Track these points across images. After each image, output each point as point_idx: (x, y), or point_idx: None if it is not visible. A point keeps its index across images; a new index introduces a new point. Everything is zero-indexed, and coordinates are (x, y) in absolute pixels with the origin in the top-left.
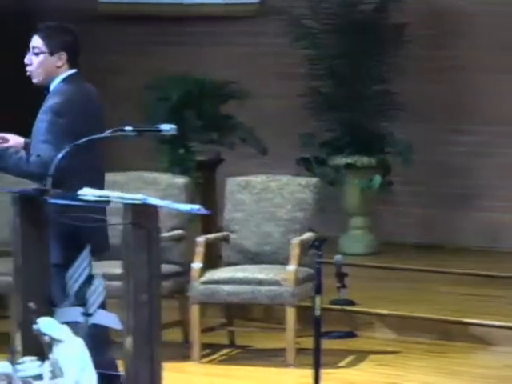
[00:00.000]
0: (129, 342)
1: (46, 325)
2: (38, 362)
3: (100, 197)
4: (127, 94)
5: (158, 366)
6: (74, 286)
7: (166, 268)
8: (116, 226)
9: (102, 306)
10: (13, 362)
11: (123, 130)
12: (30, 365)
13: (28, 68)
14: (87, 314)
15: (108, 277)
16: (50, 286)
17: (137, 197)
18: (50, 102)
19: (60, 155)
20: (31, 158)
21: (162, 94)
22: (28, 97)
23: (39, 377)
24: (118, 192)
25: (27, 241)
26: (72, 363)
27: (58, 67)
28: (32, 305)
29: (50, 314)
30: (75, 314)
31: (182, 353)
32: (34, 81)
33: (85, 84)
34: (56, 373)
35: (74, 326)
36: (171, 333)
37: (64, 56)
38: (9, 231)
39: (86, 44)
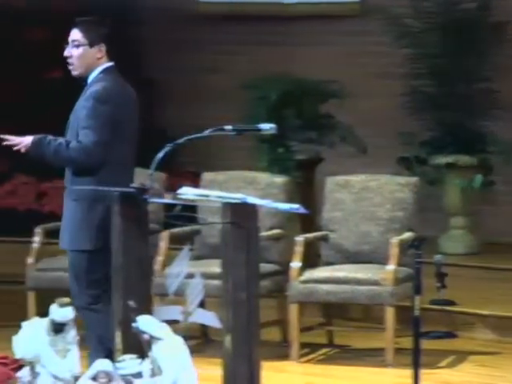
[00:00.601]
0: (228, 340)
1: (145, 323)
2: (138, 360)
3: (199, 196)
4: (226, 93)
5: (257, 364)
6: (173, 284)
7: (264, 267)
8: (215, 225)
9: (201, 304)
10: (113, 360)
11: (223, 129)
12: (129, 363)
13: (68, 60)
14: (186, 313)
15: (207, 275)
16: (150, 285)
17: (236, 196)
18: (91, 89)
19: (160, 155)
20: (71, 144)
21: (262, 93)
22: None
23: (139, 375)
24: (217, 191)
25: (127, 239)
26: (171, 361)
27: (98, 59)
28: (132, 303)
29: (150, 312)
30: (174, 312)
31: (280, 352)
32: (74, 73)
33: (121, 78)
34: (155, 371)
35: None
36: (270, 332)
37: (103, 48)
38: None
39: (184, 43)
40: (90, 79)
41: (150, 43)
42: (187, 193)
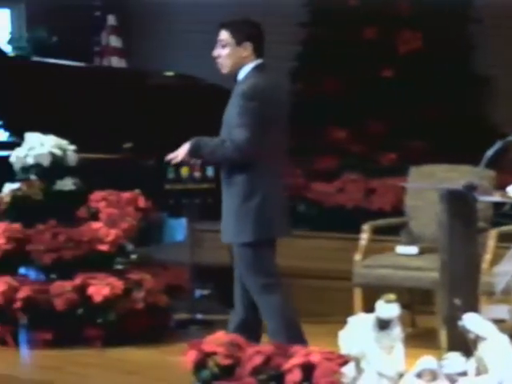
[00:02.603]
0: None
1: (471, 321)
2: (463, 359)
3: None
4: None
5: None
6: (501, 282)
7: None
8: None
9: None
10: (438, 358)
11: None
12: (454, 361)
13: (218, 60)
14: None
15: None
16: (477, 283)
17: None
18: (240, 88)
19: (490, 152)
20: (225, 143)
21: None
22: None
23: (464, 373)
24: None
25: (454, 237)
26: (497, 361)
27: (245, 57)
28: (457, 301)
29: (476, 310)
30: (501, 311)
31: None
32: (223, 71)
33: (271, 73)
34: (481, 370)
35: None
36: None
37: (249, 46)
38: (435, 227)
39: None
40: (240, 77)
41: (487, 40)
42: None
